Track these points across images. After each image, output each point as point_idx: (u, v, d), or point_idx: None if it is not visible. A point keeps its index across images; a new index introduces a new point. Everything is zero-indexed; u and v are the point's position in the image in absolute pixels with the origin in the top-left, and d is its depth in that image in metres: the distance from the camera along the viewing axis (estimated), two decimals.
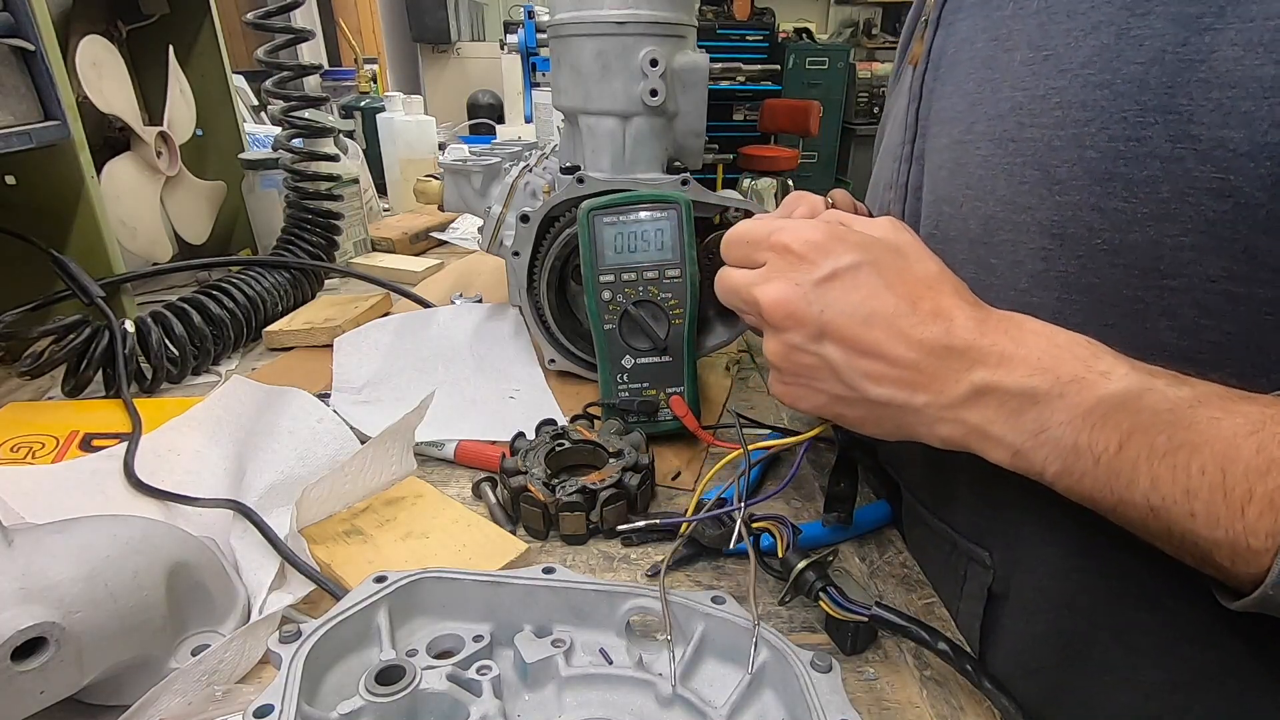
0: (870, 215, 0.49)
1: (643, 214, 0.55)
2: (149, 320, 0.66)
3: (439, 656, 0.34)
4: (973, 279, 0.38)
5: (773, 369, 0.39)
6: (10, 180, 0.68)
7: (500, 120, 2.01)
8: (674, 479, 0.54)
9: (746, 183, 3.83)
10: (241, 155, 0.97)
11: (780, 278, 0.36)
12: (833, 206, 0.44)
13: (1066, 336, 0.32)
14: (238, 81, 1.16)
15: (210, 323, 0.70)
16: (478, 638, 0.35)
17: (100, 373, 0.63)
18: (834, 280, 0.35)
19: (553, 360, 0.68)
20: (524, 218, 0.62)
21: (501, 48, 2.01)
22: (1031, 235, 0.35)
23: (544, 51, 1.62)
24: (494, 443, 0.56)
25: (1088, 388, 0.30)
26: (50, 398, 0.66)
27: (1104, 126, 0.32)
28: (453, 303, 0.82)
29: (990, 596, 0.42)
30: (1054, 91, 0.34)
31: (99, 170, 0.72)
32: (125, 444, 0.53)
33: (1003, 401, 0.32)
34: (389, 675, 0.31)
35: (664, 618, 0.36)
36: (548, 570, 0.37)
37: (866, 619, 0.37)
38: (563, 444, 0.52)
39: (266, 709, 0.27)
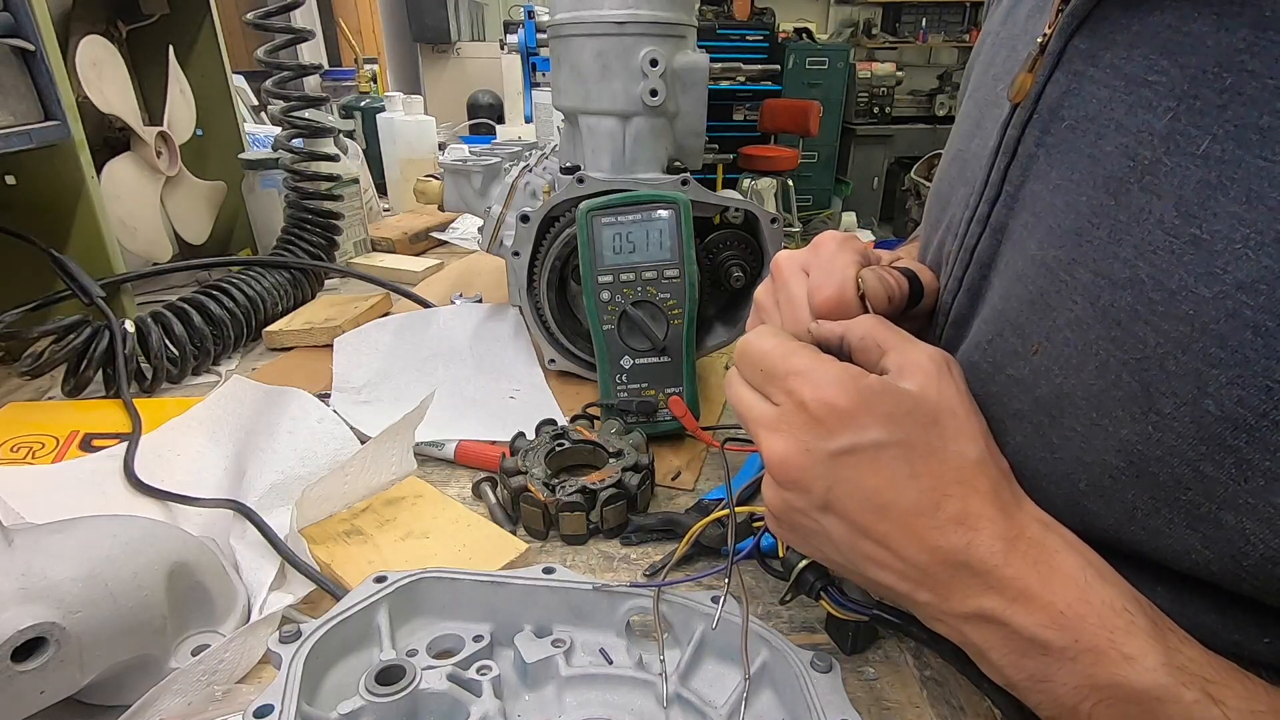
0: (911, 281, 0.38)
1: (641, 214, 0.55)
2: (149, 320, 0.66)
3: (439, 656, 0.34)
4: (1024, 442, 0.32)
5: (768, 513, 0.34)
6: (10, 180, 0.68)
7: (500, 120, 2.01)
8: (674, 479, 0.54)
9: (746, 183, 3.84)
10: (241, 155, 0.97)
11: (789, 434, 0.30)
12: (863, 295, 0.36)
13: (1103, 594, 0.27)
14: (238, 81, 1.16)
15: (210, 323, 0.70)
16: (478, 638, 0.35)
17: (100, 373, 0.63)
18: (850, 456, 0.29)
19: (553, 360, 0.68)
20: (524, 218, 0.62)
21: (501, 48, 2.01)
22: (1108, 448, 0.28)
23: (544, 51, 1.62)
24: (494, 443, 0.56)
25: (1105, 665, 0.26)
26: (50, 398, 0.66)
27: (1238, 383, 0.24)
28: (453, 303, 0.82)
29: None
30: (1189, 296, 0.25)
31: (99, 170, 0.72)
32: (125, 444, 0.53)
33: (1008, 636, 0.28)
34: (389, 675, 0.31)
35: (657, 624, 0.36)
36: (548, 570, 0.37)
37: (867, 619, 0.37)
38: (563, 444, 0.52)
39: (266, 709, 0.27)
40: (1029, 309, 0.31)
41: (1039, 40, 0.31)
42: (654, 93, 0.59)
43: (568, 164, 0.66)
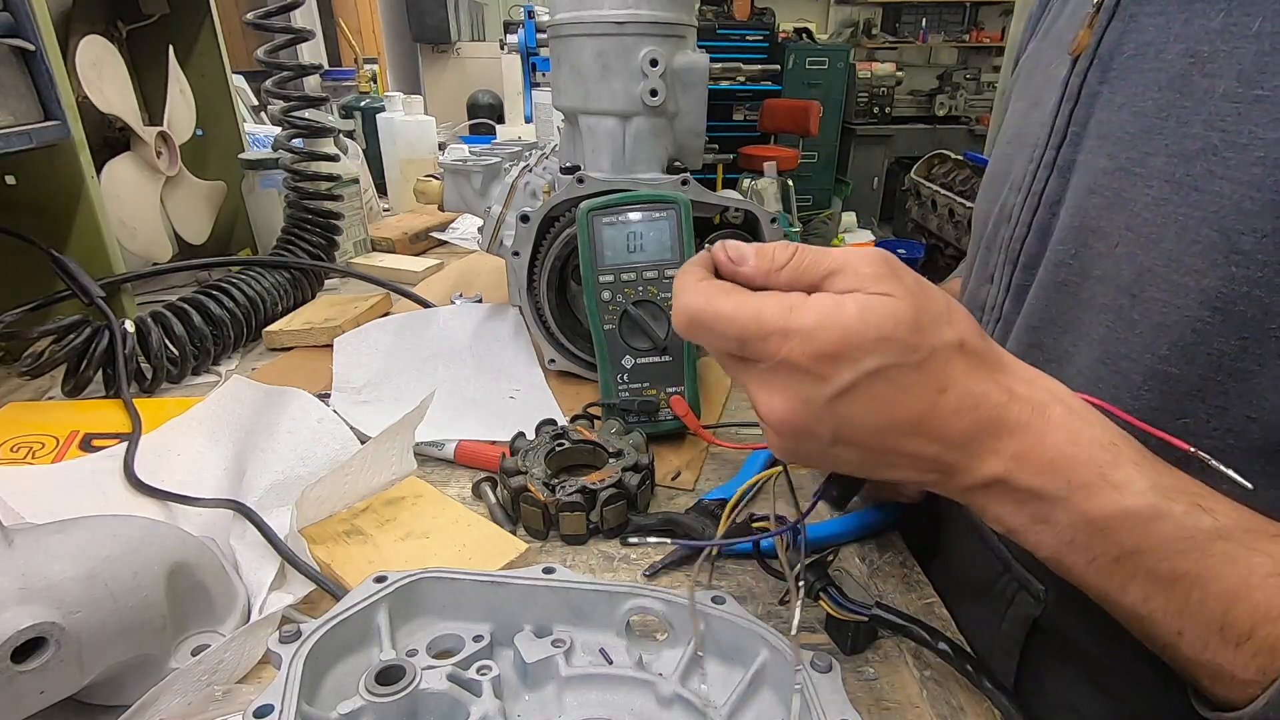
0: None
1: (642, 214, 0.55)
2: (149, 320, 0.66)
3: (439, 656, 0.34)
4: (1106, 332, 0.35)
5: (772, 439, 0.32)
6: (10, 180, 0.68)
7: (500, 120, 2.01)
8: (674, 479, 0.54)
9: (746, 183, 3.83)
10: (241, 155, 0.97)
11: (784, 391, 0.30)
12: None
13: (1090, 434, 0.29)
14: (238, 81, 1.16)
15: (210, 323, 0.70)
16: (478, 638, 0.35)
17: (100, 373, 0.63)
18: (850, 394, 0.29)
19: (553, 360, 0.68)
20: (524, 218, 0.62)
21: (501, 48, 2.00)
22: (1189, 302, 0.31)
23: (544, 51, 1.62)
24: (494, 443, 0.56)
25: (1095, 496, 0.28)
26: (50, 398, 0.66)
27: None
28: (453, 303, 0.82)
29: (1034, 629, 0.41)
30: (1259, 143, 0.29)
31: (99, 170, 0.72)
32: (125, 444, 0.53)
33: (1009, 492, 0.30)
34: (389, 675, 0.31)
35: (661, 619, 0.36)
36: (548, 570, 0.37)
37: (866, 619, 0.37)
38: (563, 444, 0.52)
39: (266, 709, 0.27)
40: (1106, 211, 0.35)
41: (1094, 1, 0.36)
42: (654, 93, 0.59)
43: (568, 164, 0.66)
